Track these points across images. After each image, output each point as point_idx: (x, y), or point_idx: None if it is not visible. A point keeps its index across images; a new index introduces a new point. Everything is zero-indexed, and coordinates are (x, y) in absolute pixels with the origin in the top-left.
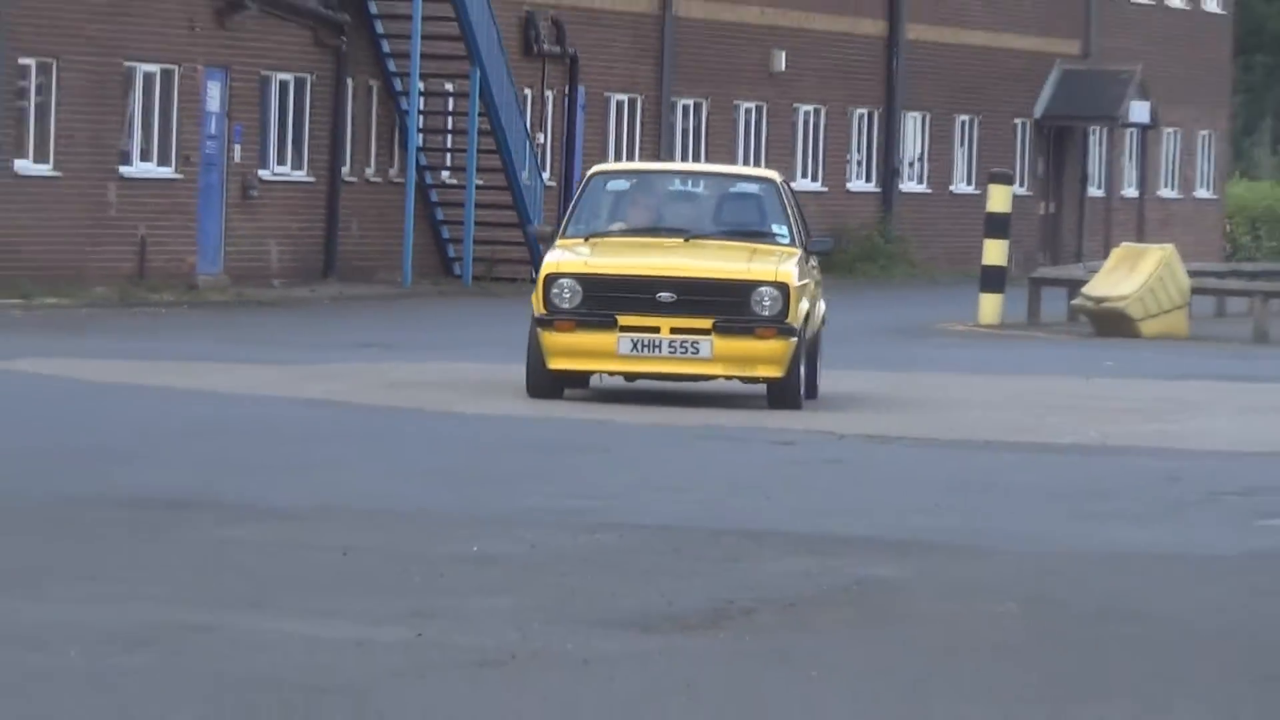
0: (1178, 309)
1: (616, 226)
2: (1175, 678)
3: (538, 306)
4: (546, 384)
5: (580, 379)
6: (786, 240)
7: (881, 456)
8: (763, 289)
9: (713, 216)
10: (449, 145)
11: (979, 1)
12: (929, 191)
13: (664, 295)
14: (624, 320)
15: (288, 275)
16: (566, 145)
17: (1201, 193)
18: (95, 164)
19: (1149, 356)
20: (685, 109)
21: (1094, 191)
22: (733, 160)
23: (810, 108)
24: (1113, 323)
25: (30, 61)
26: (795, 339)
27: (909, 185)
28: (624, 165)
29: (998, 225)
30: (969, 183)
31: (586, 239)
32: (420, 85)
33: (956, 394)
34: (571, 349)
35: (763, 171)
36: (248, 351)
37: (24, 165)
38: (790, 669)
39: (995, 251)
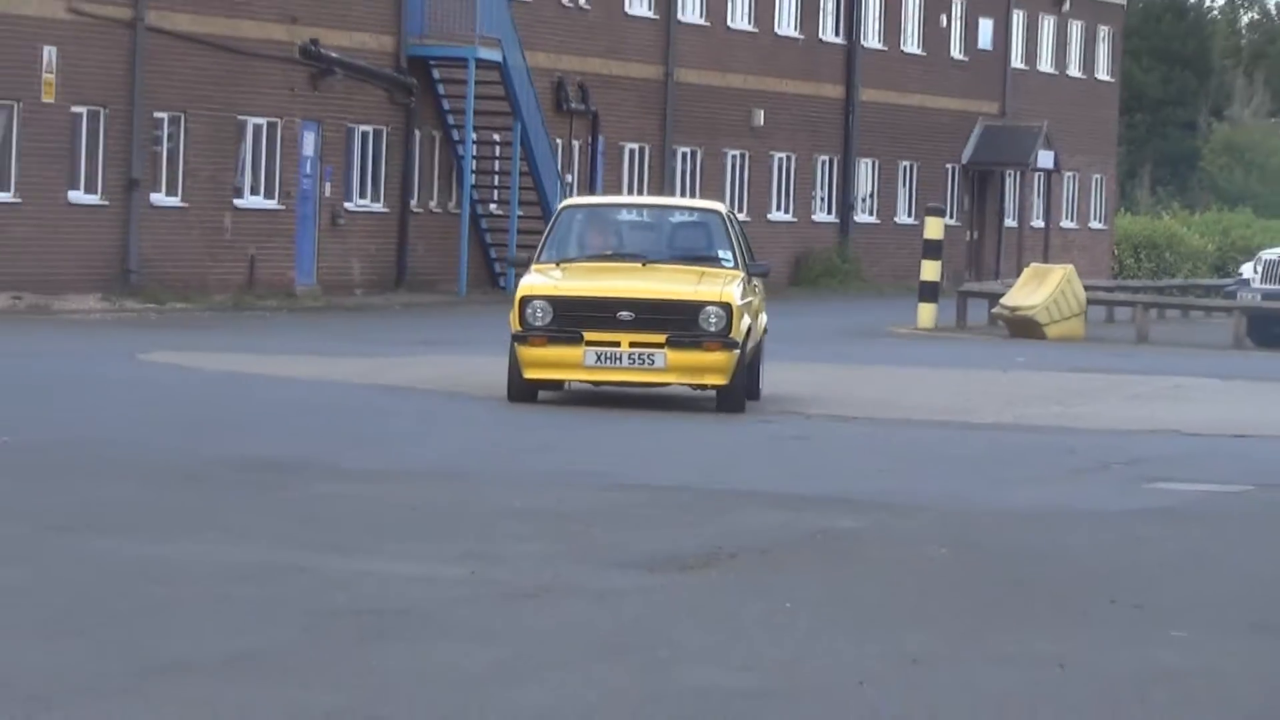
0: (1076, 316)
1: (583, 252)
2: (1075, 607)
3: (514, 324)
4: (524, 390)
5: (556, 385)
6: (731, 264)
7: (840, 432)
8: (709, 308)
9: (667, 243)
10: (495, 183)
11: (918, 70)
12: (878, 222)
13: (623, 314)
14: (589, 336)
15: (367, 286)
16: (590, 184)
17: (1094, 224)
18: (214, 197)
19: (1053, 354)
20: (684, 155)
21: (1009, 222)
22: (720, 196)
23: (783, 155)
24: (1024, 327)
25: (164, 115)
26: (738, 351)
27: (862, 217)
28: (589, 200)
29: (933, 249)
30: (909, 215)
31: (558, 264)
32: (473, 135)
33: (900, 383)
34: (544, 361)
35: (710, 204)
36: (335, 347)
37: (158, 198)
38: (767, 600)
39: (930, 270)
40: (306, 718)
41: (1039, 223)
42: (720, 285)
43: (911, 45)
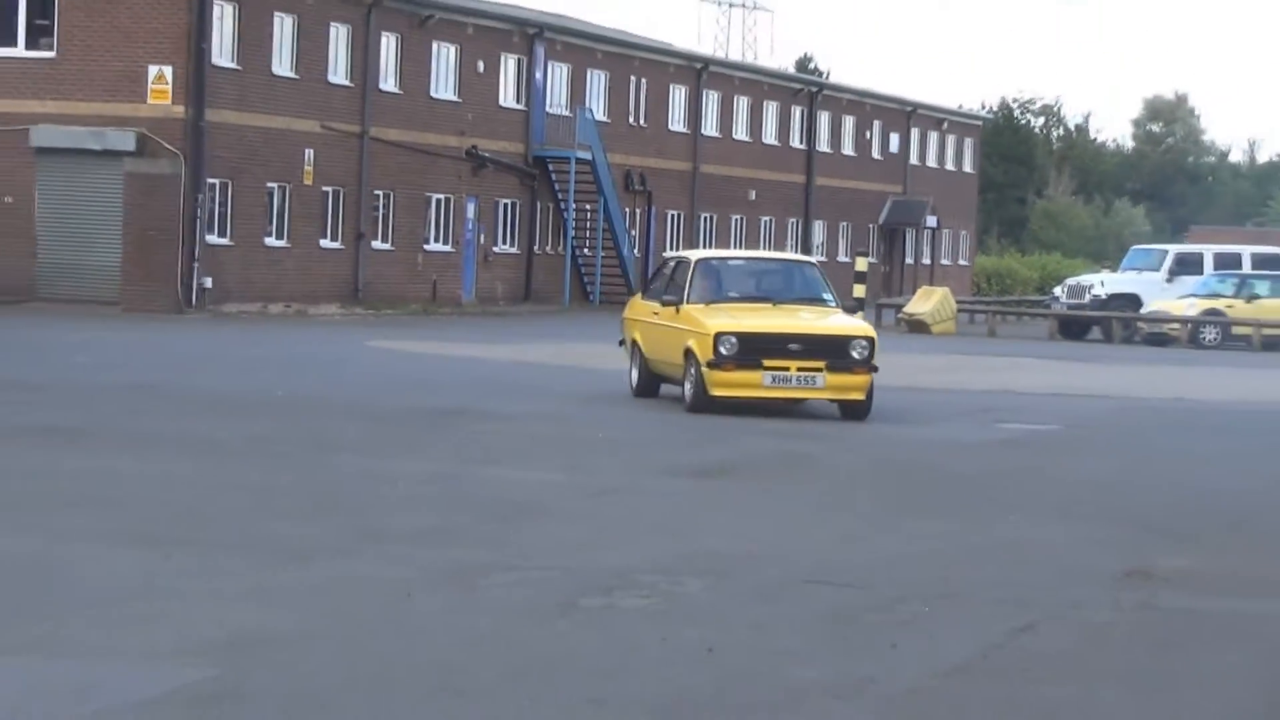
0: (950, 319)
1: (725, 295)
2: (954, 502)
3: (705, 353)
4: (705, 402)
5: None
6: (833, 303)
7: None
8: (858, 340)
9: (785, 287)
10: (586, 235)
11: (852, 165)
12: (825, 260)
13: (793, 345)
14: (767, 363)
15: (506, 300)
16: (646, 238)
17: (961, 261)
18: (410, 243)
19: (936, 344)
20: (705, 219)
21: (909, 261)
22: (727, 245)
23: (767, 218)
24: (917, 326)
25: (379, 192)
26: (876, 373)
27: (816, 257)
28: (719, 254)
29: (860, 277)
30: (847, 256)
31: (708, 304)
32: (573, 206)
33: None
34: (730, 382)
35: (805, 257)
36: (487, 338)
37: (376, 244)
38: (760, 494)
39: (859, 290)
40: (467, 570)
41: (927, 261)
42: (855, 321)
43: (848, 149)
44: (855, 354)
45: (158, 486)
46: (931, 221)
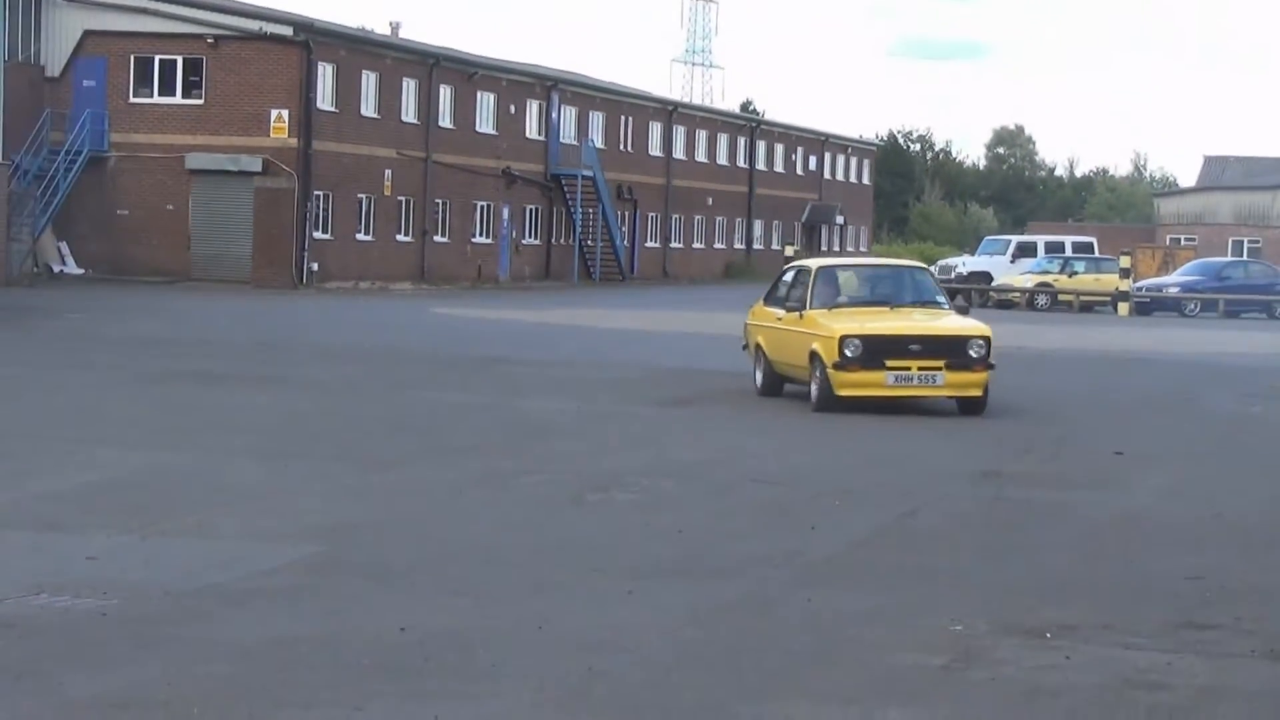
0: None
1: (845, 300)
2: (860, 424)
3: (831, 355)
4: (831, 402)
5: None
6: (945, 306)
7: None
8: (975, 340)
9: (899, 291)
10: (590, 231)
11: (782, 179)
12: (762, 249)
13: (914, 346)
14: (889, 363)
15: (532, 278)
16: (632, 234)
17: (862, 249)
18: (462, 237)
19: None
20: (676, 219)
21: (824, 249)
22: (694, 239)
23: (721, 218)
24: None
25: (440, 200)
26: (992, 370)
27: (757, 246)
28: (835, 261)
29: (788, 261)
30: (779, 246)
31: (830, 308)
32: (580, 209)
33: None
34: (854, 383)
35: (916, 262)
36: (518, 306)
37: (438, 238)
38: (716, 418)
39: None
40: (502, 474)
41: (837, 248)
42: (970, 321)
43: (779, 168)
44: (973, 353)
45: (278, 415)
46: (840, 220)
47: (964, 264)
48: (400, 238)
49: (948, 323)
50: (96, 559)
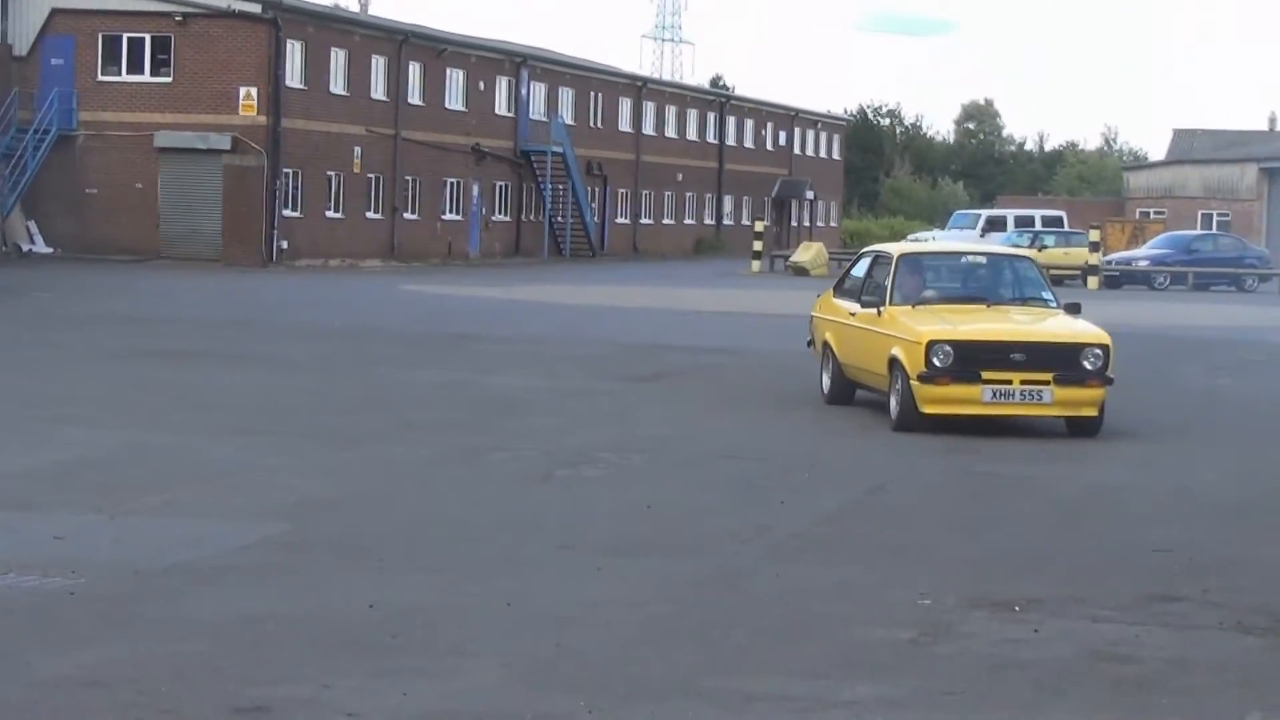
0: (824, 265)
1: (930, 294)
2: (811, 399)
3: (916, 364)
4: (915, 420)
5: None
6: (1054, 304)
7: (719, 318)
8: (1091, 349)
9: (998, 286)
10: (560, 207)
11: (751, 155)
12: (732, 224)
13: (1016, 355)
14: (986, 375)
15: (502, 255)
16: (602, 210)
17: (832, 224)
18: (432, 214)
19: (814, 284)
20: (646, 195)
21: (794, 224)
22: (664, 215)
23: (691, 194)
24: (800, 271)
25: (409, 177)
26: (1110, 386)
27: (727, 221)
28: (922, 248)
29: (759, 236)
30: (749, 221)
31: (914, 306)
32: (549, 186)
33: (745, 299)
34: (944, 398)
35: (1018, 251)
36: (488, 283)
37: (407, 215)
38: (682, 392)
39: (758, 245)
40: (472, 450)
41: (807, 224)
42: (1084, 325)
43: (749, 143)
44: (1087, 364)
45: (247, 393)
46: (810, 195)
47: (934, 238)
48: (370, 215)
49: (1057, 326)
50: (65, 538)
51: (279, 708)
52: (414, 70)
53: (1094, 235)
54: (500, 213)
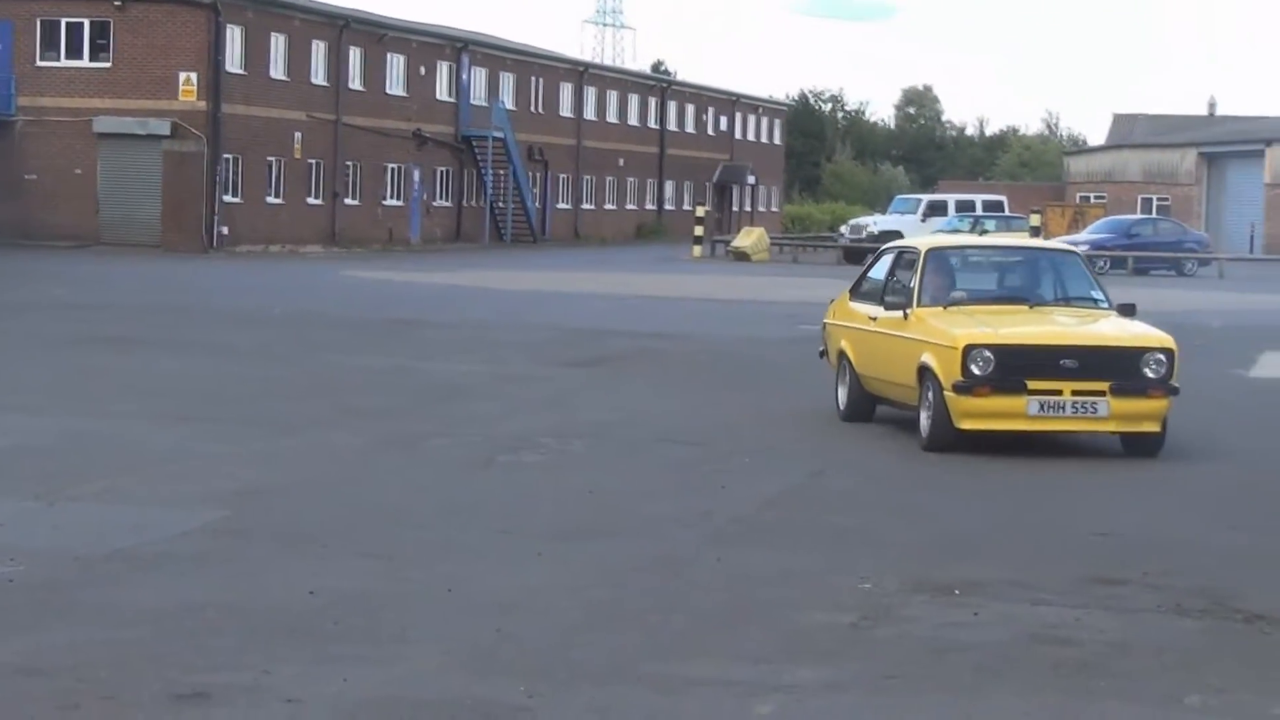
0: (766, 250)
1: (963, 294)
2: (763, 380)
3: (951, 373)
4: (950, 438)
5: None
6: (1105, 305)
7: (660, 303)
8: (1153, 354)
9: (1041, 285)
10: (501, 193)
11: (692, 139)
12: (673, 209)
13: (1067, 361)
14: (1032, 385)
15: (443, 240)
16: (543, 195)
17: (773, 209)
18: (373, 199)
19: (755, 269)
20: (588, 180)
21: (735, 209)
22: (605, 200)
23: (633, 179)
24: (741, 257)
25: (350, 162)
26: (1175, 396)
27: (668, 207)
28: (953, 241)
29: (700, 221)
30: (690, 205)
31: (945, 307)
32: (490, 171)
33: (686, 283)
34: (984, 411)
35: (1063, 245)
36: (429, 268)
37: (348, 200)
38: (623, 377)
39: (699, 231)
40: (413, 437)
41: (748, 209)
42: (1144, 328)
43: (690, 128)
44: (1149, 371)
45: (188, 380)
46: (751, 180)
47: (875, 223)
48: (310, 200)
49: (1111, 329)
50: (4, 525)
51: (219, 694)
52: (354, 55)
53: (1034, 220)
54: (441, 198)
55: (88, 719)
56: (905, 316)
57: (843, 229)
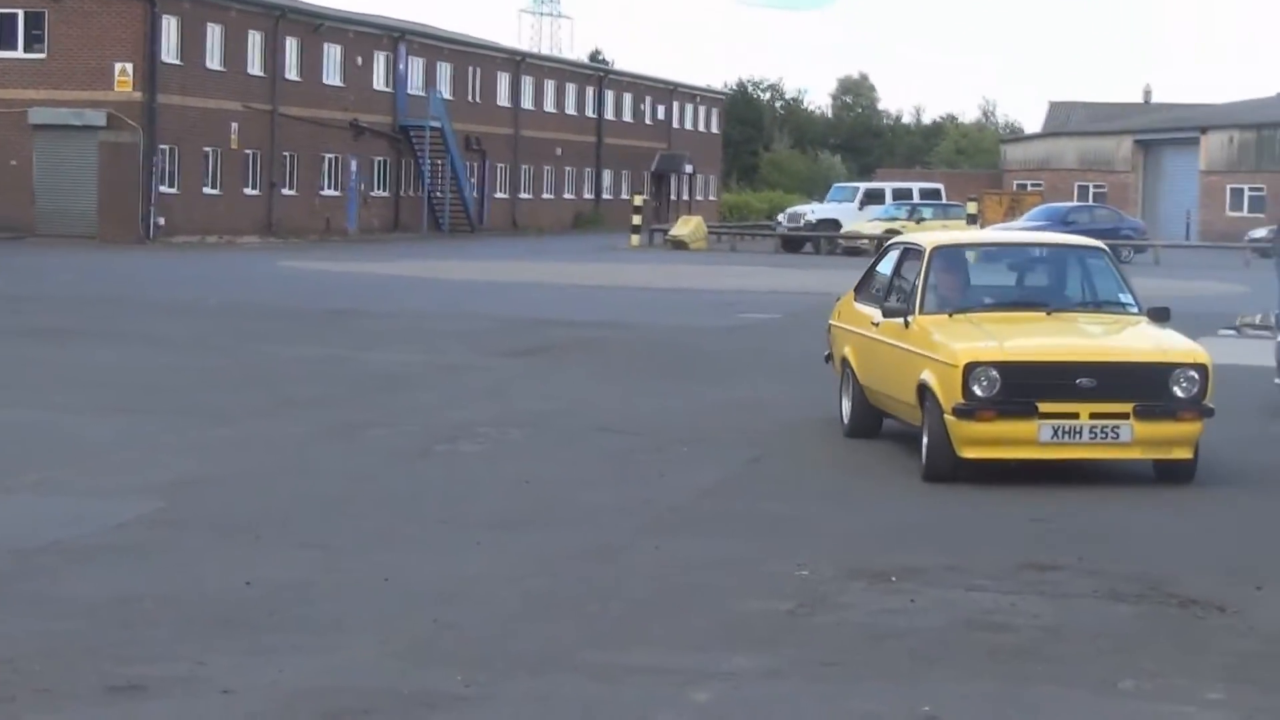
0: (703, 239)
1: (973, 300)
2: (706, 370)
3: (951, 394)
4: (951, 466)
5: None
6: (1135, 309)
7: (598, 293)
8: (1183, 371)
9: (1062, 288)
10: (438, 183)
11: (629, 129)
12: (611, 199)
13: (1084, 380)
14: (1044, 407)
15: (380, 230)
16: (481, 186)
17: (711, 197)
18: (310, 189)
19: (693, 258)
20: (526, 169)
21: (673, 197)
22: (543, 190)
23: (570, 168)
24: (679, 245)
25: (287, 153)
26: (1209, 418)
27: (606, 196)
28: (963, 238)
29: (638, 210)
30: (628, 195)
31: (950, 315)
32: (428, 161)
33: (624, 273)
34: (988, 437)
35: (1092, 241)
36: (367, 258)
37: (285, 190)
38: (562, 367)
39: (637, 219)
40: (351, 426)
41: (686, 197)
42: (1172, 338)
43: (628, 117)
44: (1179, 390)
45: (124, 371)
46: (689, 169)
47: (813, 211)
48: (247, 191)
49: (1137, 340)
50: None
51: (154, 686)
52: (291, 45)
53: (971, 208)
54: (379, 188)
55: (23, 711)
56: (906, 325)
57: (780, 217)
